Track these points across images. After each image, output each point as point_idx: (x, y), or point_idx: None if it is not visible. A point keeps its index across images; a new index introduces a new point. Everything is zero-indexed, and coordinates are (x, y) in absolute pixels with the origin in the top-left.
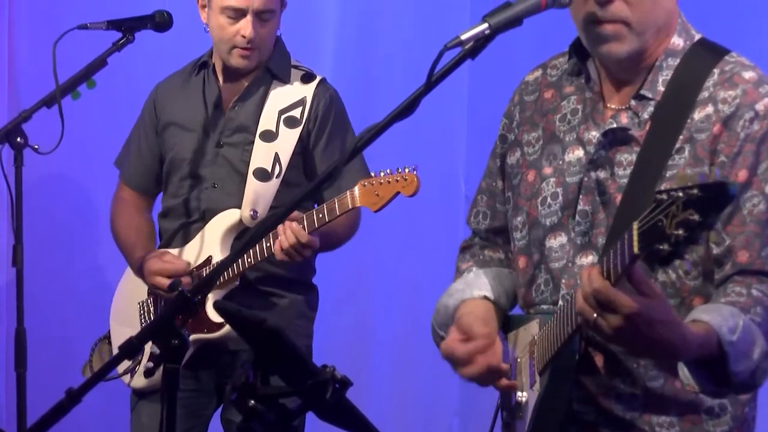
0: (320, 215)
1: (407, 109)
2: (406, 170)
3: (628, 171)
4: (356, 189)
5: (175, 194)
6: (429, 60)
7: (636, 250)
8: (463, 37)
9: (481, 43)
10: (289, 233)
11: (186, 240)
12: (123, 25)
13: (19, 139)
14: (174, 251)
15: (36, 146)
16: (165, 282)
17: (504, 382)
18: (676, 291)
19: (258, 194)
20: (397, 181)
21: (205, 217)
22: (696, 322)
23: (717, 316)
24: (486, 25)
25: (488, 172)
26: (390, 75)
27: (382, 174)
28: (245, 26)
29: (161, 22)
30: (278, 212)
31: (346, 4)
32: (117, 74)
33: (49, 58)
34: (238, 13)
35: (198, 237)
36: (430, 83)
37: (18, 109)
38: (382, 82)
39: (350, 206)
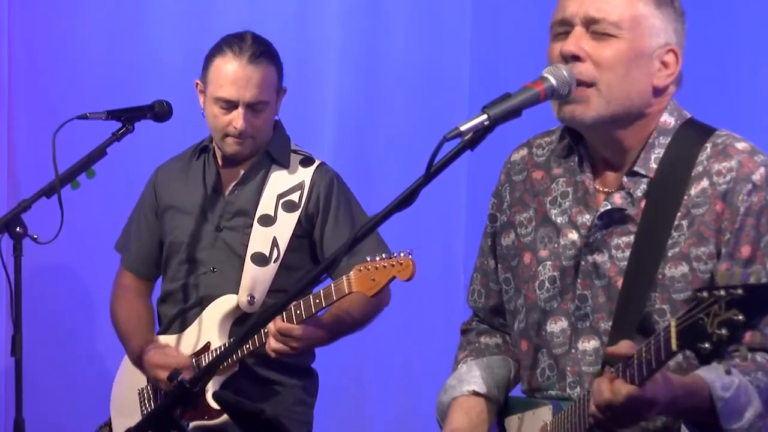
0: (317, 301)
1: (407, 199)
2: (402, 254)
3: (627, 253)
4: (352, 274)
5: (173, 278)
6: (427, 146)
7: (675, 347)
8: (463, 128)
9: (480, 134)
10: (274, 340)
11: (184, 326)
12: (122, 115)
13: (18, 229)
14: (172, 337)
15: (35, 236)
16: (164, 376)
17: None
18: (683, 372)
19: (255, 279)
20: (393, 265)
21: (203, 303)
22: (691, 375)
23: (712, 372)
24: (485, 116)
25: (481, 251)
26: (389, 159)
27: (378, 258)
28: (237, 118)
29: (161, 112)
30: (281, 300)
31: (345, 87)
32: (116, 164)
33: (48, 148)
34: (230, 105)
35: (196, 323)
36: (430, 174)
37: (17, 199)
38: (381, 166)
39: (346, 291)
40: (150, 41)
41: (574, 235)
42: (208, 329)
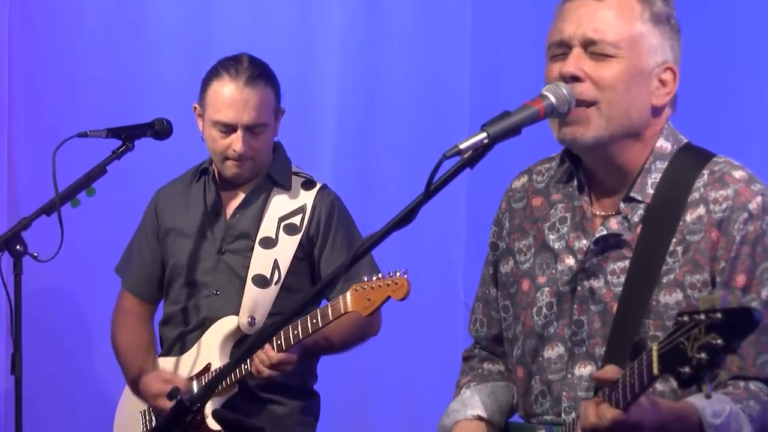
0: (314, 321)
1: (406, 217)
2: (397, 274)
3: (622, 278)
4: (348, 294)
5: (176, 301)
6: (426, 164)
7: (656, 371)
8: (462, 146)
9: (479, 152)
10: (257, 364)
11: (185, 348)
12: (123, 133)
13: (18, 247)
14: (173, 359)
15: (35, 254)
16: (166, 404)
17: None
18: (676, 398)
19: (256, 301)
20: (388, 285)
21: (205, 325)
22: (681, 401)
23: (703, 399)
24: (484, 134)
25: (482, 279)
26: (388, 177)
27: (374, 278)
28: (236, 141)
29: (161, 130)
30: (278, 320)
31: (345, 104)
32: (116, 182)
33: (48, 166)
34: (229, 128)
35: (197, 345)
36: (429, 192)
37: (17, 217)
38: (381, 186)
39: (342, 311)
40: (150, 59)
41: (570, 261)
42: (209, 351)
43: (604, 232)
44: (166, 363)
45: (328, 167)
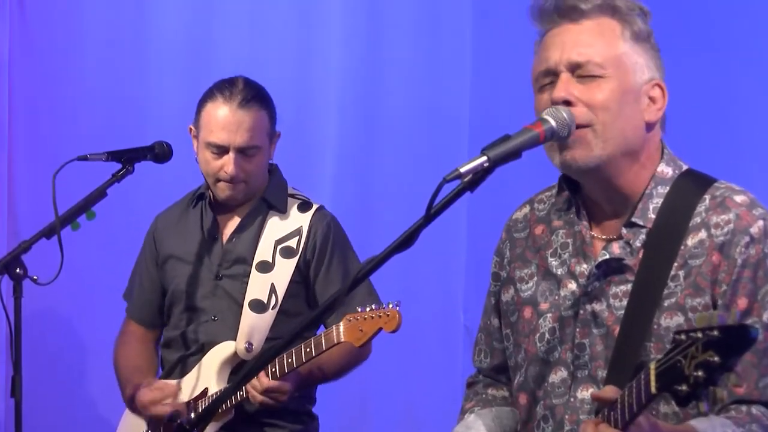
0: (308, 350)
1: (406, 241)
2: (390, 306)
3: (624, 302)
4: (341, 324)
5: (176, 326)
6: (427, 188)
7: (654, 390)
8: (462, 169)
9: (480, 175)
10: (250, 389)
11: (184, 372)
12: (123, 156)
13: (18, 270)
14: (173, 382)
15: (35, 277)
16: (162, 409)
17: None
18: (679, 420)
19: (253, 327)
20: (380, 317)
21: (204, 350)
22: (682, 424)
23: (704, 422)
24: (485, 158)
25: (485, 310)
26: (389, 201)
27: (366, 309)
28: (228, 162)
29: (161, 153)
30: (276, 346)
31: (345, 128)
32: (117, 205)
33: (48, 189)
34: (221, 150)
35: (195, 369)
36: (430, 215)
37: (17, 240)
38: (381, 210)
39: (335, 341)
40: (150, 82)
41: (573, 285)
42: (207, 375)
43: (607, 256)
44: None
45: (328, 191)
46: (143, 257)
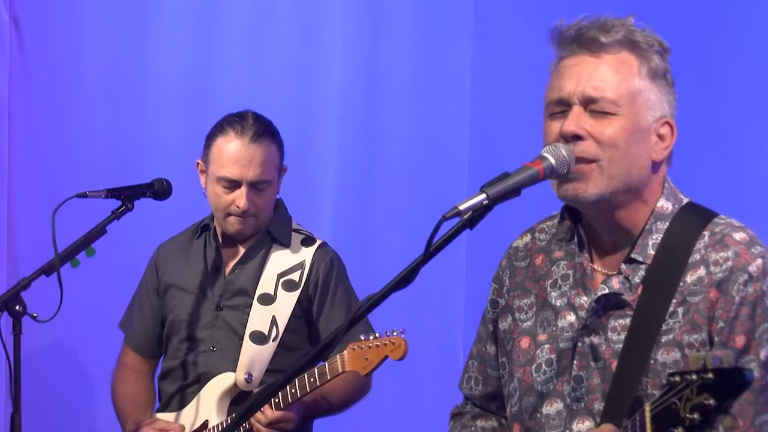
0: (311, 380)
1: (406, 278)
2: (395, 333)
3: (622, 336)
4: (345, 353)
5: (174, 356)
6: (426, 224)
7: (649, 431)
8: (462, 207)
9: (479, 213)
10: (254, 422)
11: (183, 403)
12: (122, 194)
13: (18, 307)
14: (171, 415)
15: (35, 314)
16: None
17: None
18: None
19: (253, 358)
20: (386, 345)
21: (201, 381)
22: None
23: None
24: (484, 195)
25: (479, 337)
26: (388, 238)
27: (371, 338)
28: (240, 197)
29: (160, 190)
30: (279, 380)
31: (345, 163)
32: (116, 242)
33: (48, 226)
34: (233, 184)
35: (194, 401)
36: (429, 253)
37: (17, 277)
38: (381, 247)
39: (340, 370)
40: (150, 119)
41: (572, 317)
42: (206, 407)
43: (606, 291)
44: (164, 418)
45: (328, 228)
46: (143, 286)
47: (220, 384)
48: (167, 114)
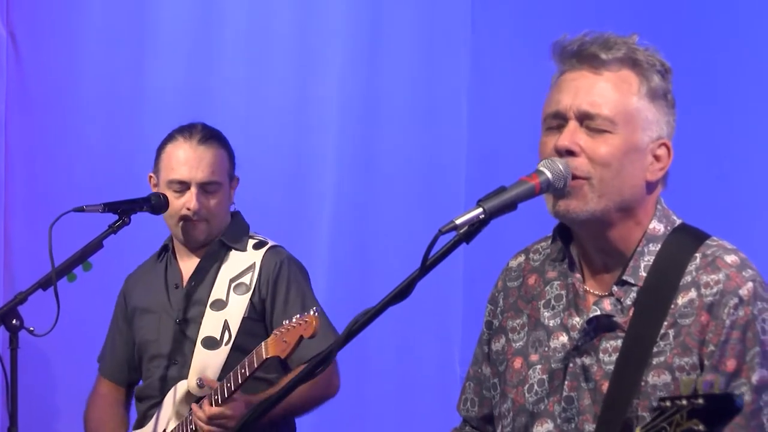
0: (242, 371)
1: (402, 293)
2: (310, 312)
3: (614, 357)
4: (269, 339)
5: (146, 376)
6: (423, 239)
7: None
8: (458, 221)
9: (476, 227)
10: (195, 420)
11: (147, 420)
12: (119, 208)
13: (14, 322)
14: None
15: (32, 328)
16: None
17: None
18: None
19: (205, 363)
20: (300, 324)
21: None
22: None
23: None
24: (480, 209)
25: (475, 359)
26: (385, 252)
27: (287, 321)
28: (190, 199)
29: (157, 204)
30: (271, 399)
31: (342, 178)
32: (112, 257)
33: (44, 240)
34: (183, 186)
35: (155, 414)
36: (425, 267)
37: (14, 291)
38: (377, 259)
39: (264, 356)
40: (147, 133)
41: (564, 338)
42: (165, 417)
43: (598, 313)
44: None
45: (325, 243)
46: (115, 317)
47: (176, 393)
48: (164, 128)
